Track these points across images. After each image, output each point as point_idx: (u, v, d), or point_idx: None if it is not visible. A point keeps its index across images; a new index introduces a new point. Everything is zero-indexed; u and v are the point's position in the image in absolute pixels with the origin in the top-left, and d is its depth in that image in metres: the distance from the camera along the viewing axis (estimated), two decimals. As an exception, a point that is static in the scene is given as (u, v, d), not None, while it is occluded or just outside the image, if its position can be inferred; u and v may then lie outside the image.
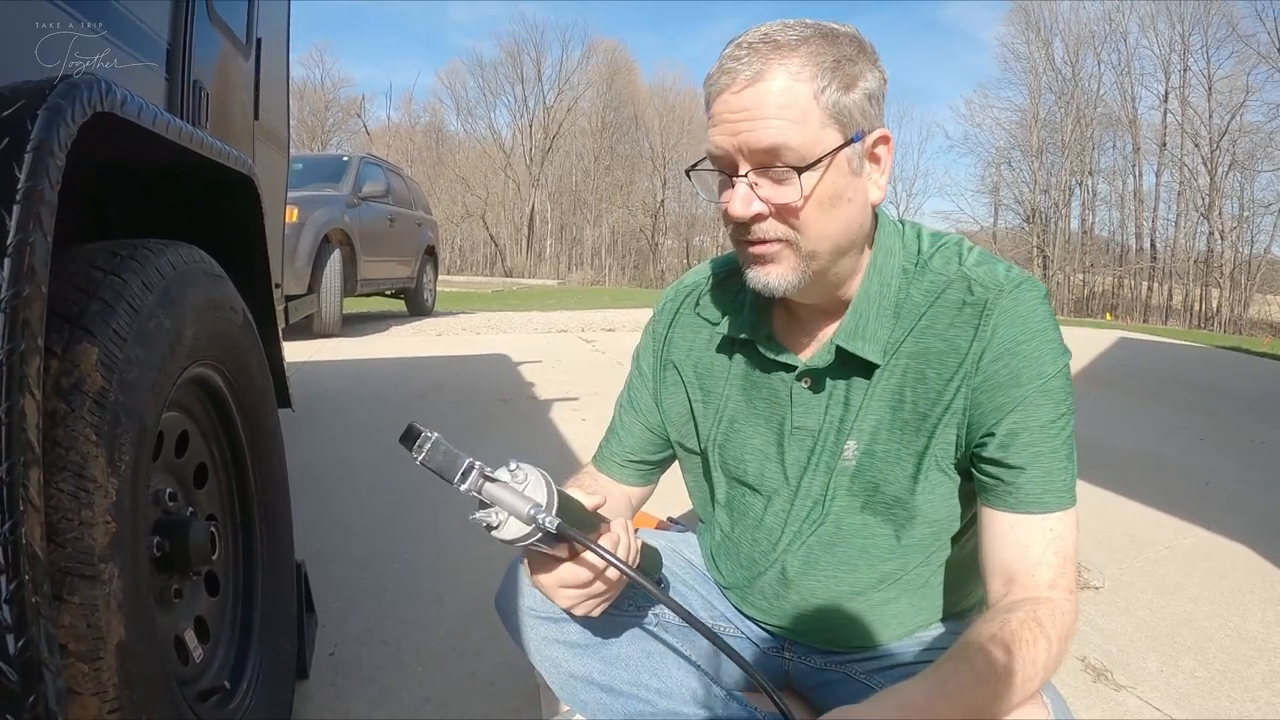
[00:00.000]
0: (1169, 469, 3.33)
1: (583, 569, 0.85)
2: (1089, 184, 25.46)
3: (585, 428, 3.58)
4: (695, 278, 1.09)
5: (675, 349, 1.07)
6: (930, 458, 0.89)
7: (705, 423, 1.04)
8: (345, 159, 7.75)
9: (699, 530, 1.17)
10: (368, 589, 1.94)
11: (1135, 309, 22.92)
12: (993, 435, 0.84)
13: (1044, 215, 25.89)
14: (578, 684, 1.01)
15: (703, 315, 1.05)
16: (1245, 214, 22.02)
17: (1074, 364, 0.87)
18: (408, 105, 38.56)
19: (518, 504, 0.73)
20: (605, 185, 34.96)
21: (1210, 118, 22.12)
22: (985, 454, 0.85)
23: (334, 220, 6.55)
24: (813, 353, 0.94)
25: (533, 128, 34.96)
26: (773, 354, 0.95)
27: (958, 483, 0.90)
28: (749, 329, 0.97)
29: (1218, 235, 22.10)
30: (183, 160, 1.12)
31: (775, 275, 0.85)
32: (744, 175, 0.81)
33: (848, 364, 0.91)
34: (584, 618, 1.00)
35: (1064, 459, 0.83)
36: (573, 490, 0.88)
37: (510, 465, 0.76)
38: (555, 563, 0.85)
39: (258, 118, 2.29)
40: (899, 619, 0.98)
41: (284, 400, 1.65)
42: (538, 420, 3.79)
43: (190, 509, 1.10)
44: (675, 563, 1.11)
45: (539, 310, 10.82)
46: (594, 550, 0.78)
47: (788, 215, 0.82)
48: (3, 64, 0.93)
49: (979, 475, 0.86)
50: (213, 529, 1.07)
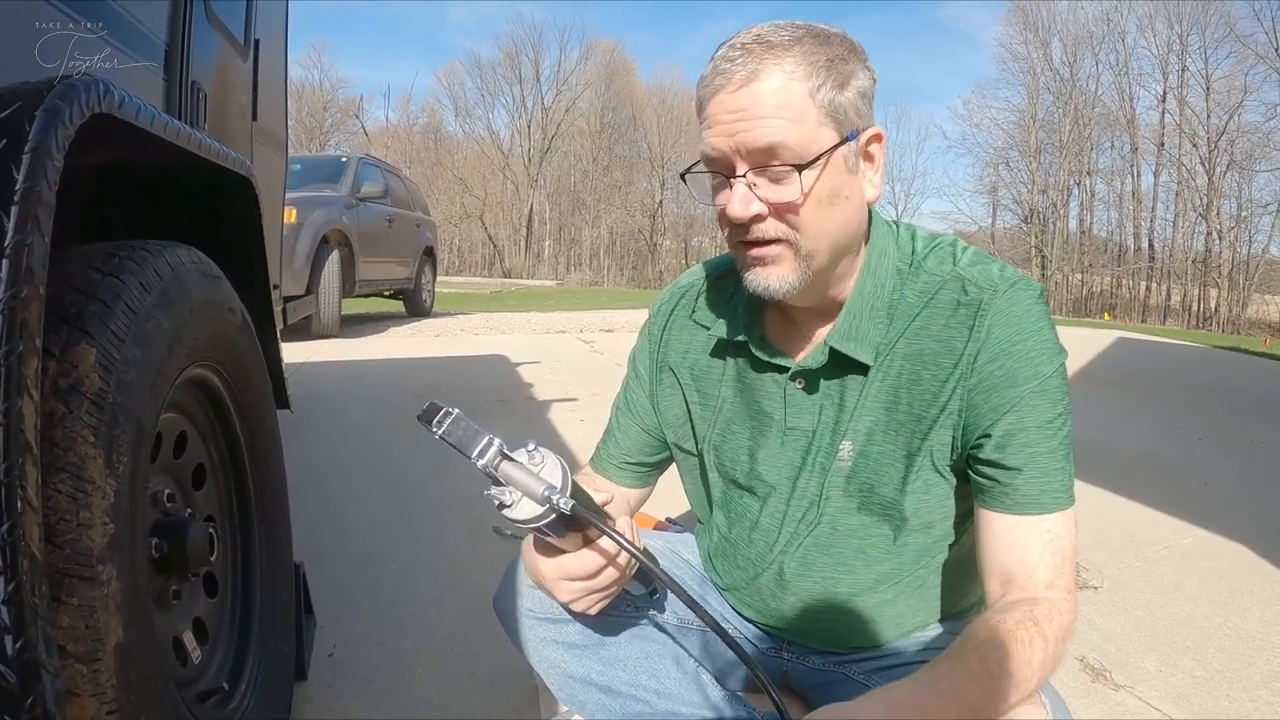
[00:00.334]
0: (1168, 469, 3.33)
1: (589, 559, 0.84)
2: (1087, 184, 25.50)
3: (584, 428, 3.58)
4: (689, 280, 1.09)
5: (671, 351, 1.07)
6: (926, 459, 0.88)
7: (702, 425, 1.04)
8: (343, 160, 7.74)
9: (697, 531, 1.17)
10: (366, 590, 1.93)
11: (1133, 309, 22.93)
12: (989, 436, 0.84)
13: (1042, 215, 25.92)
14: (576, 685, 1.01)
15: (697, 318, 1.05)
16: (1243, 214, 22.08)
17: (1073, 364, 0.87)
18: (406, 106, 38.62)
19: (532, 484, 0.73)
20: (603, 186, 34.93)
21: (1208, 118, 22.16)
22: (981, 455, 0.85)
23: (332, 221, 6.55)
24: (806, 354, 0.94)
25: (531, 128, 34.94)
26: (766, 355, 0.95)
27: (954, 484, 0.90)
28: (743, 331, 0.97)
29: (1216, 235, 22.13)
30: (181, 161, 1.12)
31: (775, 277, 0.84)
32: (742, 176, 0.81)
33: (841, 365, 0.91)
34: (582, 619, 1.00)
35: (1061, 459, 0.83)
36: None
37: (528, 446, 0.76)
38: (559, 553, 0.85)
39: (256, 118, 2.29)
40: (897, 619, 0.98)
41: (282, 401, 1.65)
42: (536, 421, 3.79)
43: (188, 510, 1.10)
44: (673, 563, 1.11)
45: (537, 311, 10.82)
46: (606, 531, 0.78)
47: (787, 214, 0.82)
48: (1, 64, 0.93)
49: (975, 477, 0.86)
50: (211, 530, 1.07)
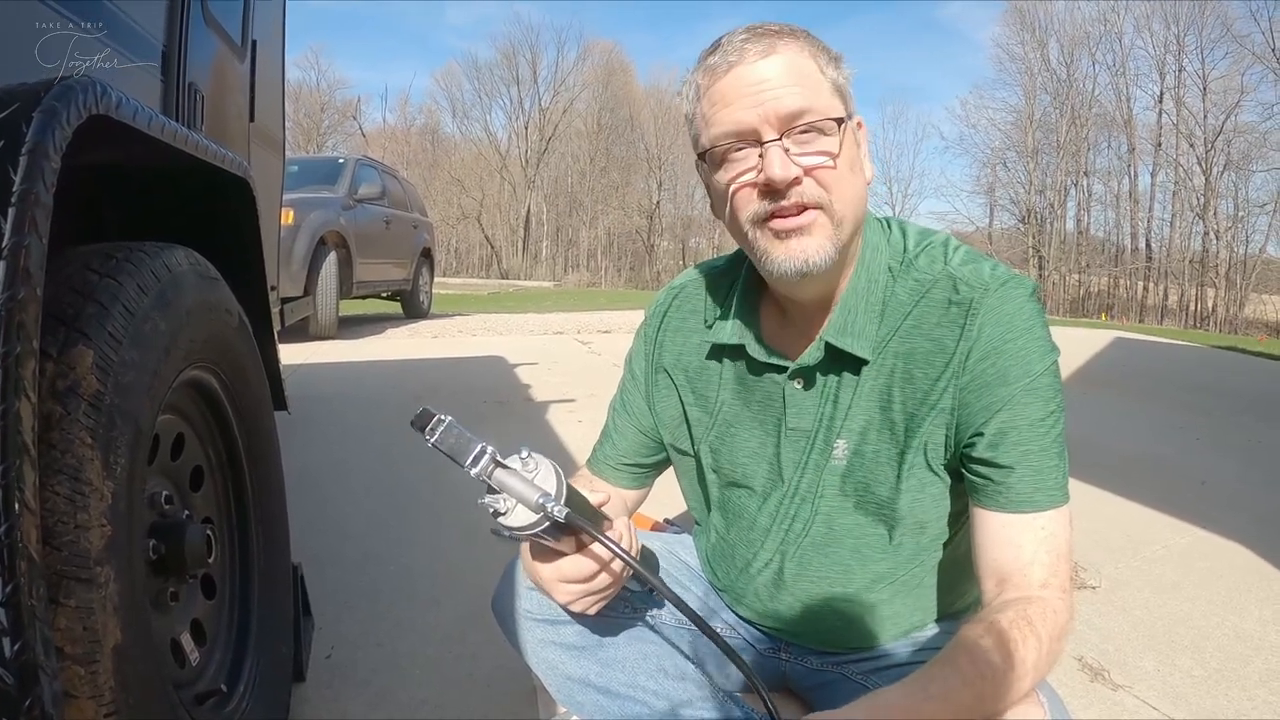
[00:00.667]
0: (1166, 469, 3.33)
1: (585, 563, 0.84)
2: (1084, 184, 25.57)
3: (581, 429, 3.57)
4: (684, 281, 1.09)
5: (666, 353, 1.07)
6: (920, 458, 0.89)
7: (699, 426, 1.04)
8: (341, 161, 7.75)
9: (694, 532, 1.17)
10: (364, 592, 1.93)
11: (1131, 309, 22.98)
12: (981, 435, 0.84)
13: (1039, 216, 25.97)
14: (574, 686, 1.01)
15: (692, 319, 1.05)
16: (1240, 214, 22.16)
17: (1070, 364, 0.87)
18: (403, 107, 38.45)
19: (527, 492, 0.73)
20: (601, 187, 34.92)
21: (1205, 118, 22.23)
22: (974, 454, 0.85)
23: (330, 222, 6.55)
24: (803, 352, 0.93)
25: (528, 129, 34.95)
26: (764, 356, 0.95)
27: (948, 483, 0.90)
28: (739, 333, 0.97)
29: (1213, 235, 22.18)
30: (178, 162, 1.11)
31: (813, 248, 0.83)
32: (776, 140, 0.81)
33: (837, 360, 0.91)
34: (580, 620, 1.00)
35: (1054, 457, 0.83)
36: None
37: (522, 453, 0.75)
38: (557, 556, 0.85)
39: (253, 120, 2.29)
40: (894, 619, 0.98)
41: (280, 403, 1.65)
42: (534, 422, 3.78)
43: (186, 512, 1.10)
44: (671, 564, 1.11)
45: (535, 312, 10.82)
46: (600, 540, 0.77)
47: (823, 175, 0.82)
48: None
49: (969, 475, 0.86)
50: (209, 532, 1.07)
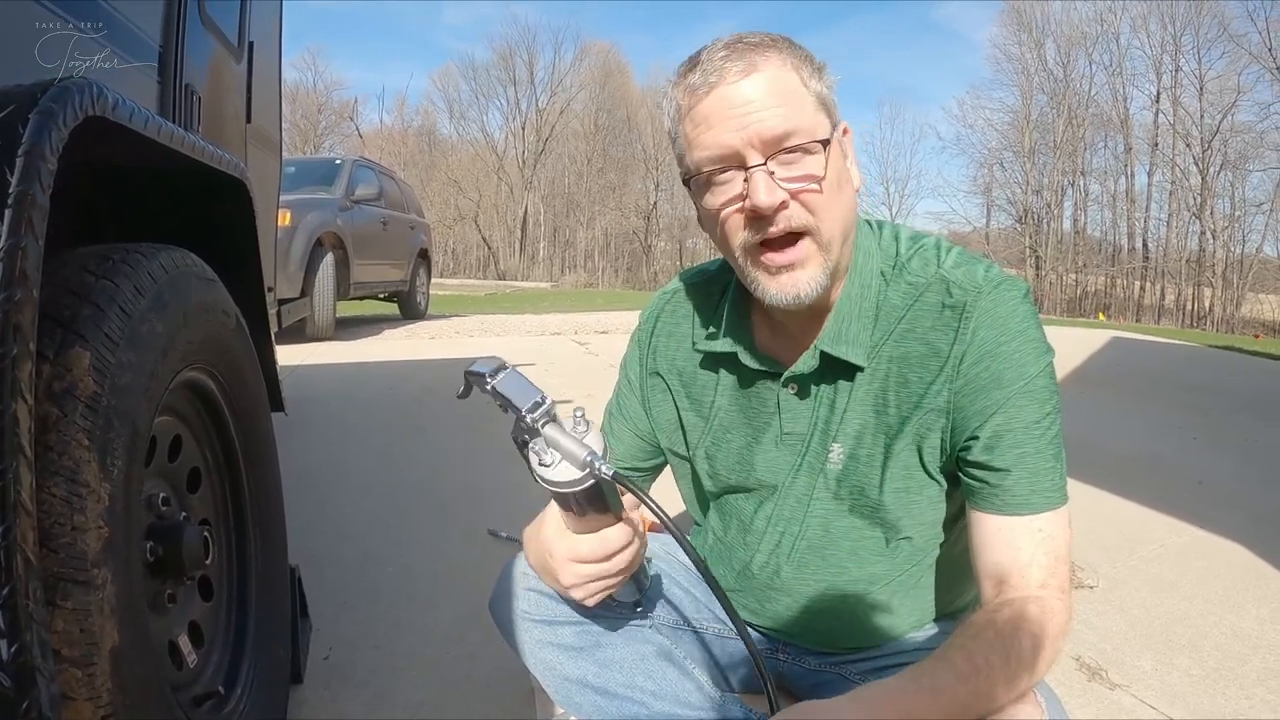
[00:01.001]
0: (1163, 468, 3.34)
1: (603, 544, 0.85)
2: (1081, 184, 25.61)
3: (580, 430, 3.57)
4: (676, 287, 1.09)
5: (660, 358, 1.07)
6: (915, 461, 0.89)
7: (694, 431, 1.03)
8: (338, 162, 7.73)
9: (692, 533, 1.17)
10: (362, 593, 1.93)
11: (1128, 309, 23.02)
12: (977, 438, 0.84)
13: (1036, 215, 26.01)
14: (572, 687, 1.01)
15: (684, 325, 1.05)
16: (1237, 213, 22.20)
17: (1067, 364, 0.87)
18: (400, 108, 38.41)
19: (575, 449, 0.75)
20: (598, 188, 34.89)
21: (1202, 118, 22.27)
22: (970, 457, 0.85)
23: (327, 223, 6.54)
24: (797, 359, 0.93)
25: (525, 130, 34.92)
26: (756, 364, 0.95)
27: (945, 486, 0.90)
28: (732, 340, 0.97)
29: (1210, 235, 22.23)
30: (175, 163, 1.11)
31: (805, 280, 0.83)
32: (761, 164, 0.80)
33: (832, 368, 0.91)
34: (578, 621, 1.01)
35: (1050, 458, 0.83)
36: None
37: (575, 414, 0.77)
38: (574, 530, 0.86)
39: (250, 121, 2.29)
40: (892, 620, 0.98)
41: (277, 404, 1.65)
42: (532, 423, 3.77)
43: (183, 513, 1.10)
44: (670, 565, 1.11)
45: (532, 313, 10.80)
46: (645, 501, 0.78)
47: (808, 199, 0.81)
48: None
49: (965, 478, 0.86)
50: (206, 534, 1.07)
